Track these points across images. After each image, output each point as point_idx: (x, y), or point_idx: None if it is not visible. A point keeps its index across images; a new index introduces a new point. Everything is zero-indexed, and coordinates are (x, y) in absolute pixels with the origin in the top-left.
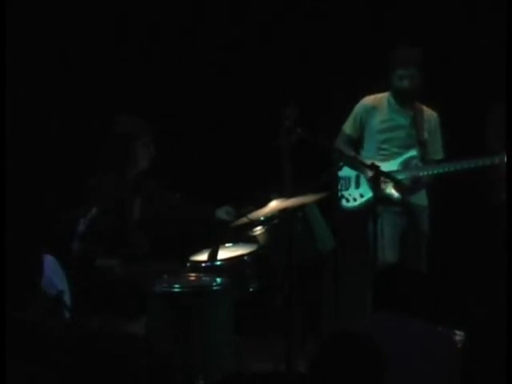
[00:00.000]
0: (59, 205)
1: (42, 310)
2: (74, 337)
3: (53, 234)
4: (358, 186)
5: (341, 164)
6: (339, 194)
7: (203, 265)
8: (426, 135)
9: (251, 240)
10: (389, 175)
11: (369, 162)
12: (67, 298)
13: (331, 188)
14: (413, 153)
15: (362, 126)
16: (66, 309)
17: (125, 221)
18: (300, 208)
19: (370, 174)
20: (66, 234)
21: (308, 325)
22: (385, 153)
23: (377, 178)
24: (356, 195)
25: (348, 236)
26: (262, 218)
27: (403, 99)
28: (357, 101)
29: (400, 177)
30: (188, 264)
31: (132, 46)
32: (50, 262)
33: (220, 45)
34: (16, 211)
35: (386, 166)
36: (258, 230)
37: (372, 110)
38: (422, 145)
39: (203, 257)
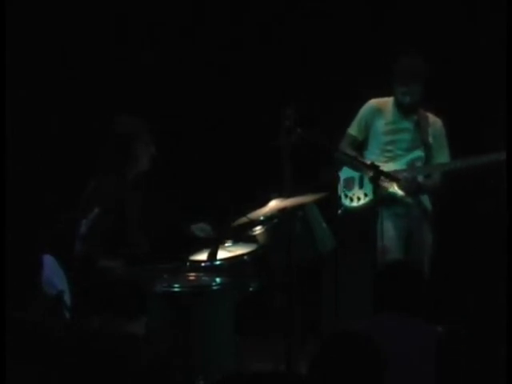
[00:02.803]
0: (59, 205)
1: (42, 310)
2: (73, 337)
3: (53, 234)
4: (361, 185)
5: (341, 165)
6: (341, 194)
7: (203, 264)
8: (430, 139)
9: (251, 240)
10: (389, 175)
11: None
12: (67, 298)
13: (331, 188)
14: (418, 153)
15: (366, 128)
16: (66, 309)
17: (125, 221)
18: (300, 208)
19: (370, 173)
20: (66, 234)
21: (308, 325)
22: (389, 154)
23: (377, 178)
24: (360, 195)
25: (349, 236)
26: (261, 218)
27: (406, 111)
28: (357, 101)
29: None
30: (188, 264)
31: (132, 46)
32: (49, 262)
33: (220, 45)
34: (16, 211)
35: (390, 167)
36: (258, 229)
37: (377, 112)
38: (426, 147)
39: (203, 256)
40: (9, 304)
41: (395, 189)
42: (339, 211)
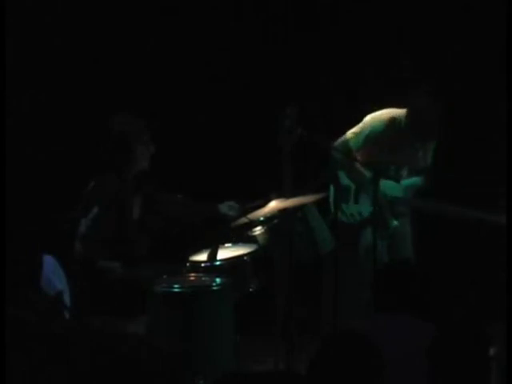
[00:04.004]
0: (59, 205)
1: (42, 310)
2: (73, 337)
3: (56, 234)
4: (356, 201)
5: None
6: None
7: (203, 265)
8: (429, 160)
9: (251, 240)
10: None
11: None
12: (67, 299)
13: (330, 189)
14: (415, 181)
15: (368, 144)
16: (66, 309)
17: (125, 221)
18: (300, 208)
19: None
20: (69, 233)
21: (308, 325)
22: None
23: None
24: (354, 212)
25: (343, 239)
26: (261, 219)
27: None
28: (357, 101)
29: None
30: (188, 264)
31: (132, 46)
32: (49, 263)
33: (220, 44)
34: (16, 211)
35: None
36: (258, 230)
37: (382, 131)
38: (424, 172)
39: (203, 257)
40: (9, 304)
41: (392, 219)
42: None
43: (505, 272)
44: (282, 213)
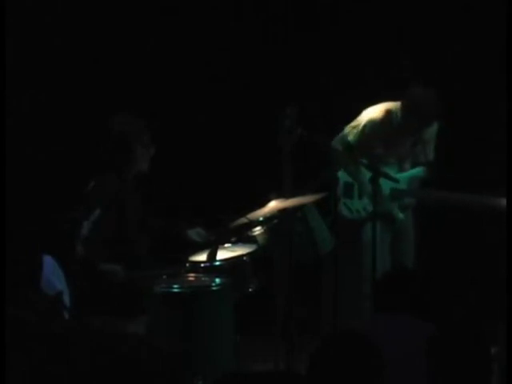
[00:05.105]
0: (59, 205)
1: (42, 310)
2: (73, 337)
3: (57, 234)
4: (360, 197)
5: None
6: (341, 201)
7: (202, 265)
8: (431, 154)
9: (251, 240)
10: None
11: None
12: (66, 299)
13: (331, 188)
14: (419, 172)
15: (365, 136)
16: (66, 309)
17: (125, 221)
18: (299, 208)
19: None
20: (70, 234)
21: (308, 325)
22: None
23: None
24: (359, 207)
25: (343, 239)
26: (261, 219)
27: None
28: (357, 101)
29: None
30: (187, 264)
31: (132, 46)
32: (48, 263)
33: (220, 44)
34: (16, 211)
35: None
36: (258, 230)
37: (379, 124)
38: (427, 164)
39: (202, 257)
40: (9, 304)
41: (397, 211)
42: (333, 216)
43: (504, 268)
44: (281, 213)
